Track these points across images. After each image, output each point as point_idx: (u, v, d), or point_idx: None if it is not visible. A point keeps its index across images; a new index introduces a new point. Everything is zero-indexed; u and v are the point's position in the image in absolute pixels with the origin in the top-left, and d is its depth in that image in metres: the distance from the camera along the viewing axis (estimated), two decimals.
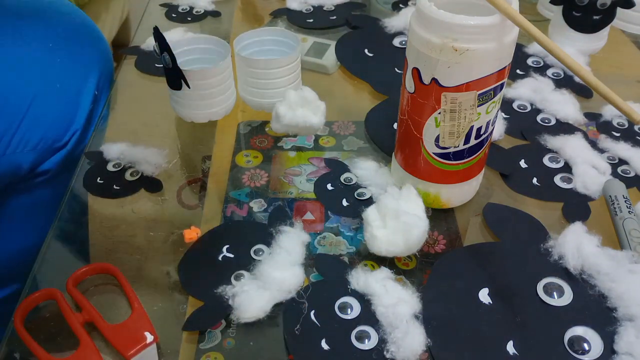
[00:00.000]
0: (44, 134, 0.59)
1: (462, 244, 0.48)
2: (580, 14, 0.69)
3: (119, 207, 0.52)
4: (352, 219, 0.50)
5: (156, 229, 0.50)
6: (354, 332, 0.41)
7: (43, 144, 0.59)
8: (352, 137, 0.60)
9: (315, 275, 0.46)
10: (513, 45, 0.41)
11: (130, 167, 0.55)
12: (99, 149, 0.57)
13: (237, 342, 0.41)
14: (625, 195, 0.49)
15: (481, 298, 0.43)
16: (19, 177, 0.58)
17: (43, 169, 0.60)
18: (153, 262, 0.47)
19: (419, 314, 0.42)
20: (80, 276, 0.45)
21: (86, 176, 0.55)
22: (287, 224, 0.48)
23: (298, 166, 0.56)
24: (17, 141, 0.56)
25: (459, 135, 0.44)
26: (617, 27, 0.78)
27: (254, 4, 0.87)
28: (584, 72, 0.38)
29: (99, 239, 0.50)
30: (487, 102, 0.43)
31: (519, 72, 0.68)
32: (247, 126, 0.61)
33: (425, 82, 0.43)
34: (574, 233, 0.46)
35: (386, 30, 0.74)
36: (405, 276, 0.45)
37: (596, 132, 0.60)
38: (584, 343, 0.40)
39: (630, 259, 0.44)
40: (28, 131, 0.57)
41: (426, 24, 0.41)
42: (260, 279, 0.44)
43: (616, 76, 0.70)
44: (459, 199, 0.51)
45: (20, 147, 0.56)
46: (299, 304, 0.43)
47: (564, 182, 0.54)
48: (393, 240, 0.44)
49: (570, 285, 0.44)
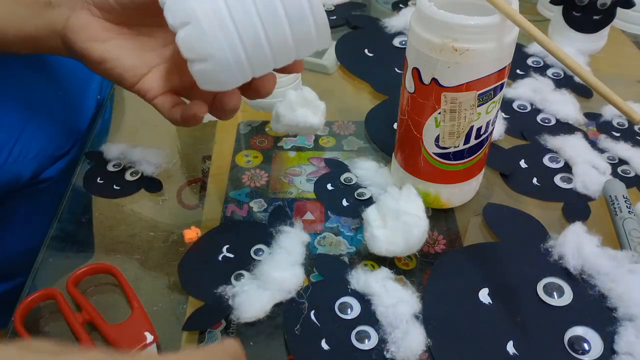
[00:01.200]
0: (46, 143, 0.58)
1: (462, 244, 0.48)
2: (580, 14, 0.69)
3: (119, 207, 0.52)
4: (352, 219, 0.50)
5: (156, 229, 0.50)
6: (354, 332, 0.41)
7: (44, 153, 0.58)
8: (352, 137, 0.60)
9: (315, 275, 0.46)
10: (513, 45, 0.41)
11: (130, 167, 0.55)
12: (99, 149, 0.57)
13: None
14: (625, 195, 0.49)
15: (481, 298, 0.43)
16: (19, 185, 0.57)
17: (44, 177, 0.60)
18: (153, 262, 0.47)
19: (419, 314, 0.42)
20: (80, 276, 0.45)
21: (86, 176, 0.55)
22: (287, 224, 0.48)
23: (298, 166, 0.56)
24: (17, 151, 0.55)
25: (459, 135, 0.44)
26: (617, 27, 0.78)
27: None
28: (584, 72, 0.38)
29: (99, 239, 0.50)
30: (487, 102, 0.43)
31: (519, 72, 0.68)
32: (247, 126, 0.61)
33: (425, 82, 0.43)
34: (574, 233, 0.45)
35: (386, 30, 0.74)
36: (405, 276, 0.45)
37: (596, 132, 0.60)
38: (584, 343, 0.40)
39: (630, 259, 0.44)
40: (29, 141, 0.56)
41: (426, 24, 0.41)
42: (260, 279, 0.44)
43: (616, 76, 0.70)
44: (459, 199, 0.51)
45: (22, 156, 0.55)
46: (299, 304, 0.43)
47: (564, 182, 0.54)
48: (393, 240, 0.44)
49: (570, 285, 0.44)
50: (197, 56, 0.34)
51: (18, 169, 0.56)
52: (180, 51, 0.34)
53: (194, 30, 0.33)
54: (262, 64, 0.35)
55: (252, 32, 0.33)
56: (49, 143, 0.59)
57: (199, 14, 0.32)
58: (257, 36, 0.33)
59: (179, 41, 0.33)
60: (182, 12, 0.33)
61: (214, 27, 0.32)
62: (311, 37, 0.34)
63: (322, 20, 0.33)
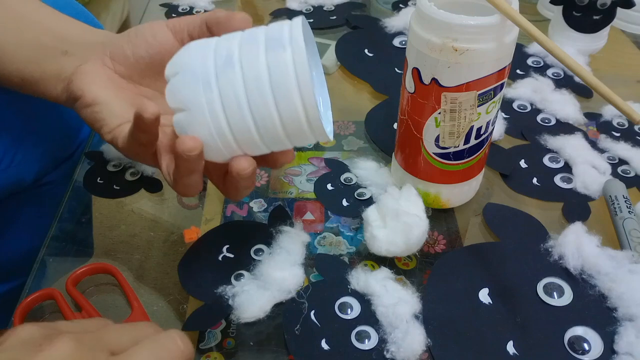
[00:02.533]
0: (49, 146, 0.58)
1: (462, 244, 0.48)
2: (581, 14, 0.69)
3: (119, 207, 0.52)
4: (352, 219, 0.50)
5: (156, 229, 0.50)
6: (354, 332, 0.41)
7: (47, 156, 0.58)
8: (352, 137, 0.60)
9: (315, 275, 0.46)
10: (513, 45, 0.41)
11: (130, 167, 0.55)
12: (99, 149, 0.57)
13: (237, 342, 0.41)
14: (625, 195, 0.49)
15: (481, 298, 0.43)
16: (22, 188, 0.57)
17: (47, 180, 0.60)
18: (153, 262, 0.47)
19: (419, 314, 0.42)
20: (79, 276, 0.45)
21: (86, 176, 0.55)
22: (287, 224, 0.48)
23: (298, 166, 0.56)
24: (21, 154, 0.55)
25: (459, 135, 0.44)
26: (617, 27, 0.78)
27: (254, 4, 0.87)
28: (584, 72, 0.38)
29: (99, 239, 0.50)
30: (487, 102, 0.43)
31: (519, 72, 0.68)
32: None
33: (425, 82, 0.43)
34: (574, 233, 0.45)
35: (386, 30, 0.74)
36: (406, 276, 0.45)
37: (596, 132, 0.60)
38: (584, 343, 0.40)
39: (631, 259, 0.44)
40: (32, 144, 0.56)
41: (426, 24, 0.41)
42: (260, 279, 0.44)
43: (616, 76, 0.70)
44: (459, 199, 0.51)
45: (24, 160, 0.55)
46: (299, 304, 0.43)
47: (564, 182, 0.54)
48: (393, 240, 0.44)
49: (570, 285, 0.44)
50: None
51: (21, 172, 0.56)
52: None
53: (187, 117, 0.35)
54: (255, 151, 0.37)
55: (243, 127, 0.35)
56: (52, 146, 0.58)
57: (193, 105, 0.35)
58: (248, 131, 0.35)
59: (174, 122, 0.36)
60: (179, 99, 0.35)
61: (206, 120, 0.35)
62: (307, 136, 0.36)
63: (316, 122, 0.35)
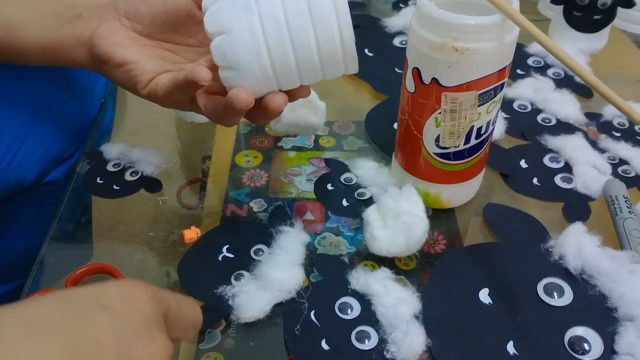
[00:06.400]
0: (50, 146, 0.58)
1: (463, 244, 0.48)
2: (581, 13, 0.69)
3: (119, 207, 0.52)
4: (352, 219, 0.50)
5: (156, 229, 0.50)
6: (354, 332, 0.41)
7: (48, 156, 0.58)
8: (352, 137, 0.60)
9: (315, 275, 0.45)
10: (513, 45, 0.41)
11: (130, 167, 0.55)
12: (99, 149, 0.57)
13: (237, 342, 0.41)
14: (626, 195, 0.49)
15: (481, 298, 0.43)
16: (22, 188, 0.57)
17: (48, 180, 0.60)
18: (153, 262, 0.47)
19: (419, 314, 0.42)
20: (79, 276, 0.45)
21: (86, 176, 0.55)
22: (287, 224, 0.48)
23: (298, 166, 0.56)
24: (22, 154, 0.55)
25: (460, 135, 0.44)
26: (617, 27, 0.78)
27: None
28: (584, 72, 0.38)
29: (98, 239, 0.50)
30: (487, 102, 0.43)
31: (519, 72, 0.68)
32: (247, 126, 0.61)
33: (425, 82, 0.43)
34: (574, 233, 0.45)
35: (386, 30, 0.74)
36: (406, 276, 0.45)
37: (597, 132, 0.60)
38: (585, 343, 0.40)
39: (631, 259, 0.44)
40: (34, 144, 0.56)
41: (426, 23, 0.41)
42: (260, 279, 0.44)
43: (616, 76, 0.70)
44: (459, 199, 0.51)
45: (25, 159, 0.55)
46: (299, 304, 0.43)
47: (564, 182, 0.54)
48: (393, 241, 0.44)
49: (571, 286, 0.44)
50: (227, 64, 0.37)
51: (22, 172, 0.56)
52: (213, 57, 0.37)
53: (227, 40, 0.36)
54: (288, 79, 0.38)
55: (281, 49, 0.36)
56: (53, 146, 0.58)
57: (234, 26, 0.35)
58: (285, 53, 0.36)
59: (212, 47, 0.37)
60: (219, 22, 0.36)
61: (246, 41, 0.35)
62: (339, 64, 0.37)
63: (351, 53, 0.37)
